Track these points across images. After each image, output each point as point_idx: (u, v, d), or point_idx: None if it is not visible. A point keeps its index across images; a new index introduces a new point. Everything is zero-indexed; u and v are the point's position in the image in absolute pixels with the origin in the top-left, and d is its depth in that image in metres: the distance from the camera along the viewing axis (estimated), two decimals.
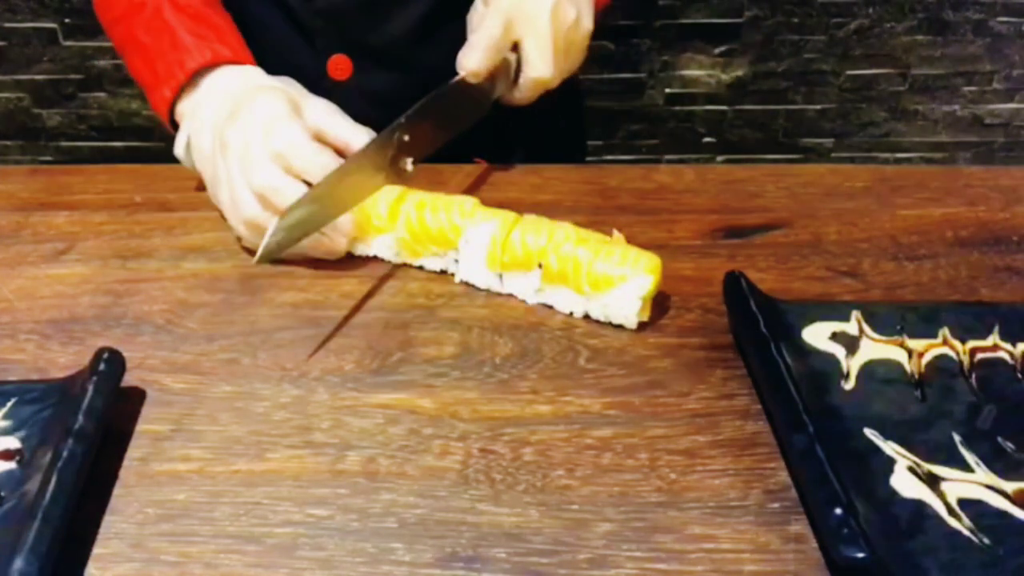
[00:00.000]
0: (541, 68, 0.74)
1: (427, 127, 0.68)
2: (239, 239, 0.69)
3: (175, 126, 0.75)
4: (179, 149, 0.74)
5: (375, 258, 0.69)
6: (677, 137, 1.99)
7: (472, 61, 0.71)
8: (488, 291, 0.65)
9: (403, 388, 0.57)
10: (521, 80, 0.75)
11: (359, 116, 0.71)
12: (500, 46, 0.72)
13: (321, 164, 0.65)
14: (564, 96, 0.92)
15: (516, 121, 0.83)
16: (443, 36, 0.79)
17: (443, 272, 0.67)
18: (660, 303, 0.63)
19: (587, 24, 0.77)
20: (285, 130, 0.66)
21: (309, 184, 0.64)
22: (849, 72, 1.91)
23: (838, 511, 0.45)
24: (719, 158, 2.01)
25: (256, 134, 0.66)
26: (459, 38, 0.76)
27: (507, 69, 0.75)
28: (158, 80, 0.74)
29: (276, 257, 0.64)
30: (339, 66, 0.84)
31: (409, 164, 0.67)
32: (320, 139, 0.67)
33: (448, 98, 0.71)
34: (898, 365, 0.57)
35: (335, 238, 0.67)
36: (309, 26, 0.84)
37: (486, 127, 0.76)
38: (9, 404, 0.53)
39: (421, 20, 0.83)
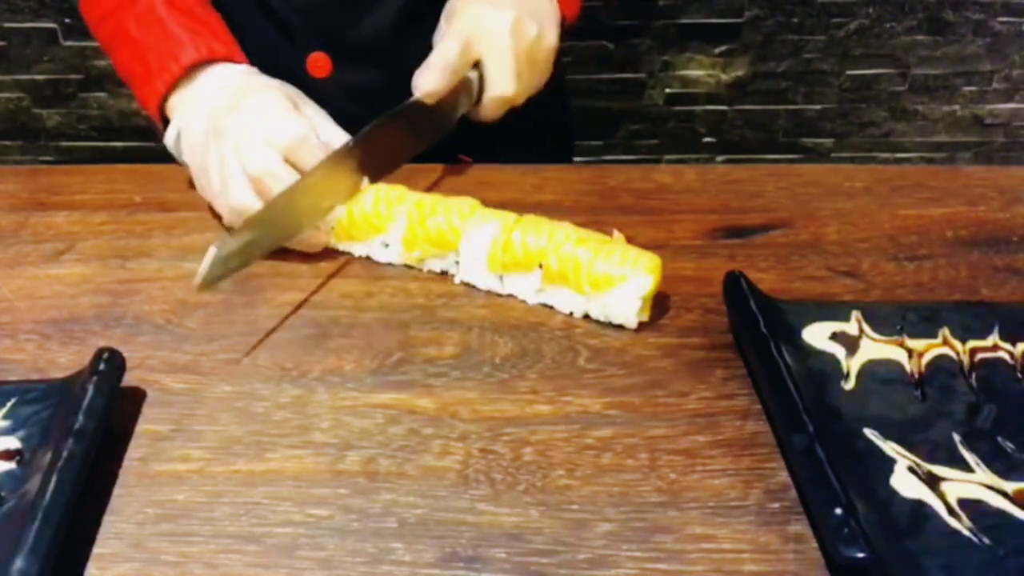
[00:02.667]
0: (503, 86, 0.74)
1: (385, 146, 0.69)
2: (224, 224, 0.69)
3: (164, 121, 0.75)
4: (169, 140, 0.73)
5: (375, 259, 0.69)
6: (677, 137, 1.98)
7: (427, 82, 0.71)
8: (488, 291, 0.65)
9: (403, 388, 0.57)
10: (484, 98, 0.75)
11: (340, 113, 0.71)
12: (457, 66, 0.72)
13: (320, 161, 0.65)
14: (550, 94, 0.92)
15: (501, 118, 0.82)
16: (422, 30, 0.79)
17: (443, 273, 0.67)
18: (660, 303, 0.63)
19: (550, 40, 0.77)
20: (288, 123, 0.66)
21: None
22: (849, 72, 1.91)
23: (838, 511, 0.45)
24: (719, 158, 2.01)
25: (257, 122, 0.66)
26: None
27: (470, 87, 0.75)
28: (150, 74, 0.74)
29: (215, 285, 0.60)
30: (318, 64, 0.84)
31: (365, 182, 0.67)
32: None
33: (406, 117, 0.71)
34: (898, 365, 0.57)
35: (316, 232, 0.67)
36: (287, 24, 0.84)
37: (470, 124, 0.76)
38: (9, 404, 0.53)
39: (399, 15, 0.83)
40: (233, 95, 0.69)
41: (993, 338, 0.59)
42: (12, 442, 0.51)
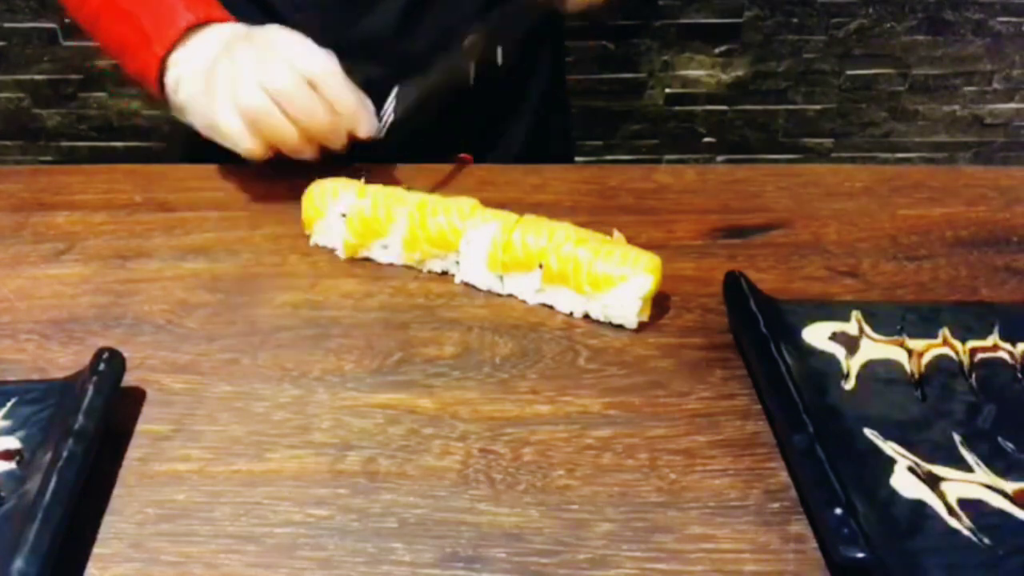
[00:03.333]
0: None
1: (499, 30, 0.72)
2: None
3: (161, 88, 0.74)
4: (170, 82, 0.73)
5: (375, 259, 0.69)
6: (677, 137, 1.98)
7: None
8: (488, 291, 0.65)
9: (403, 388, 0.57)
10: None
11: None
12: None
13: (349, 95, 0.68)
14: (551, 93, 0.92)
15: (502, 118, 0.82)
16: (426, 27, 0.79)
17: (444, 273, 0.67)
18: (660, 303, 0.63)
19: None
20: (316, 54, 0.68)
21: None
22: (849, 72, 1.91)
23: (838, 511, 0.45)
24: (719, 158, 2.01)
25: (287, 36, 0.68)
26: (442, 28, 0.76)
27: None
28: (146, 40, 0.73)
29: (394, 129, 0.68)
30: None
31: (499, 56, 0.73)
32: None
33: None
34: (898, 365, 0.57)
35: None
36: (290, 22, 0.83)
37: (473, 123, 0.76)
38: (9, 404, 0.53)
39: (403, 12, 0.83)
40: (247, 29, 0.70)
41: (993, 338, 0.59)
42: (12, 442, 0.51)
